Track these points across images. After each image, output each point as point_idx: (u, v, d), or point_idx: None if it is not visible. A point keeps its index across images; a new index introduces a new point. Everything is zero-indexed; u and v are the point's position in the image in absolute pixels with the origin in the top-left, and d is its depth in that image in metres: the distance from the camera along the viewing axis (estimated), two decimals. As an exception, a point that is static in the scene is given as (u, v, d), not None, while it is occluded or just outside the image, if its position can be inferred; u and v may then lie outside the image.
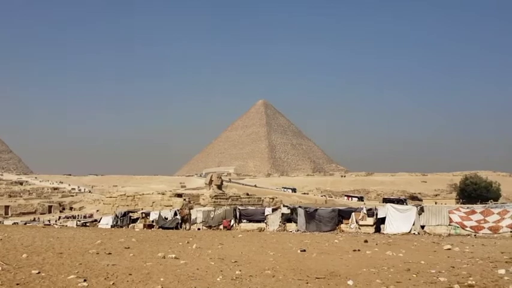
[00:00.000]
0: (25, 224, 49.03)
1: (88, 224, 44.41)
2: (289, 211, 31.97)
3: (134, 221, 39.97)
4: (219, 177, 78.87)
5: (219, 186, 75.29)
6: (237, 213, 34.25)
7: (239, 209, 35.30)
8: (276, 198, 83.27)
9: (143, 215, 40.12)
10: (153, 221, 37.92)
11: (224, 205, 50.48)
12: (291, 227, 30.94)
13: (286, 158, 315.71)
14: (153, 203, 69.36)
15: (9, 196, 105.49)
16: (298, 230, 29.86)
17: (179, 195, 75.52)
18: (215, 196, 69.27)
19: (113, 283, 10.07)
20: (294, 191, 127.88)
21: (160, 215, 37.89)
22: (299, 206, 33.10)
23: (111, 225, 39.62)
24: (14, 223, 52.30)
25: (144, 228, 36.61)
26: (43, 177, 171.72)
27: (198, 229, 34.24)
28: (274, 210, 33.08)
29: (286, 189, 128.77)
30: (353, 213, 29.52)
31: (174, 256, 14.51)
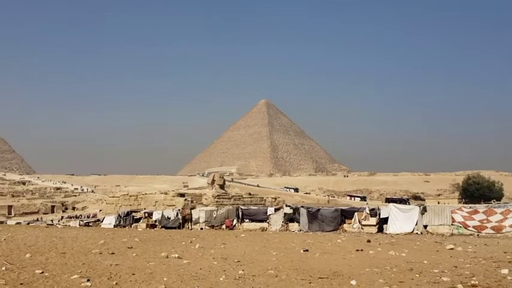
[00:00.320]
0: (28, 224, 49.14)
1: (91, 224, 44.49)
2: (291, 211, 31.92)
3: (137, 220, 40.02)
4: (221, 177, 78.98)
5: (222, 186, 75.40)
6: (240, 213, 34.25)
7: (241, 208, 35.29)
8: (279, 198, 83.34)
9: (146, 215, 40.17)
10: (155, 220, 37.98)
11: (226, 205, 50.52)
12: (294, 226, 30.91)
13: (289, 158, 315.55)
14: (155, 202, 69.52)
15: (12, 196, 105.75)
16: (300, 230, 29.83)
17: (182, 195, 75.66)
18: (217, 196, 69.37)
19: (116, 283, 10.08)
20: (296, 190, 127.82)
21: (163, 214, 37.94)
22: (301, 206, 33.05)
23: (114, 225, 39.70)
24: (17, 223, 52.46)
25: (147, 228, 36.67)
26: (46, 177, 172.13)
27: (200, 229, 34.28)
28: (276, 210, 33.06)
29: (288, 189, 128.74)
30: (356, 213, 29.47)
31: (177, 256, 14.53)
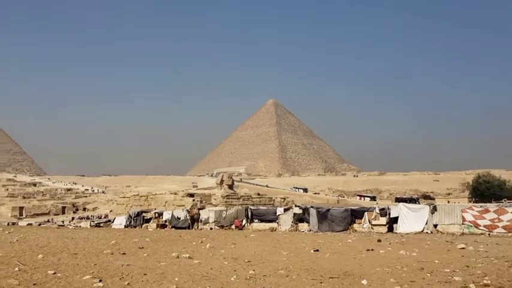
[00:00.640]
0: (39, 225, 49.67)
1: (102, 225, 44.80)
2: (301, 211, 31.92)
3: (147, 221, 40.24)
4: (230, 177, 79.05)
5: (230, 186, 75.46)
6: (249, 213, 34.32)
7: (251, 208, 35.36)
8: (288, 198, 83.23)
9: (156, 215, 40.39)
10: (166, 220, 38.17)
11: (236, 205, 50.58)
12: (303, 227, 30.91)
13: (297, 158, 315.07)
14: (165, 202, 69.76)
15: (23, 197, 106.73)
16: (310, 230, 29.83)
17: (191, 195, 75.82)
18: (226, 196, 69.44)
19: (128, 283, 10.14)
20: (305, 191, 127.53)
21: (173, 214, 38.13)
22: (311, 206, 33.06)
23: (125, 225, 39.95)
24: (28, 224, 53.05)
25: (157, 228, 36.87)
26: (56, 178, 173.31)
27: (210, 229, 34.41)
28: (286, 210, 33.08)
29: (297, 189, 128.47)
30: (366, 213, 29.45)
31: (187, 256, 14.60)
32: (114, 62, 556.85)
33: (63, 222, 63.70)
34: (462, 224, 25.61)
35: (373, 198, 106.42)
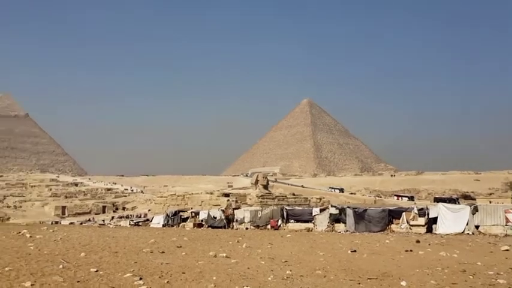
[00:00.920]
0: (81, 224, 51.19)
1: (140, 224, 45.74)
2: (337, 211, 31.68)
3: (184, 220, 40.81)
4: (265, 177, 79.22)
5: (265, 186, 75.64)
6: (284, 213, 34.29)
7: (286, 209, 35.33)
8: (323, 198, 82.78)
9: (193, 214, 40.92)
10: (202, 220, 38.61)
11: (271, 205, 50.66)
12: (340, 227, 30.65)
13: (333, 158, 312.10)
14: (201, 202, 70.69)
15: (66, 197, 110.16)
16: (347, 231, 29.55)
17: (226, 195, 76.52)
18: (261, 196, 69.66)
19: (167, 281, 10.32)
20: (341, 191, 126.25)
21: (209, 214, 38.54)
22: (348, 206, 32.74)
23: (163, 224, 40.65)
24: (70, 223, 54.81)
25: (194, 227, 37.33)
26: (97, 179, 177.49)
27: (246, 228, 34.58)
28: (322, 211, 32.90)
29: (333, 190, 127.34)
30: (403, 213, 28.96)
31: (225, 255, 14.75)
32: (145, 61, 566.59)
33: (104, 221, 65.39)
34: (506, 225, 24.78)
35: (411, 198, 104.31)
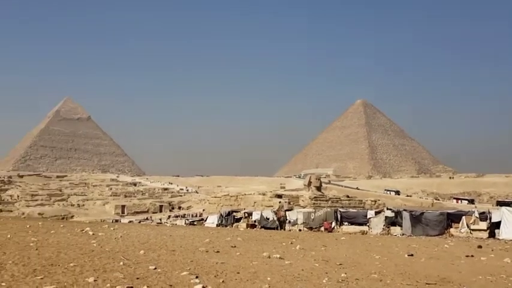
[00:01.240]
0: (139, 222, 52.92)
1: (195, 223, 46.69)
2: (393, 214, 31.00)
3: (237, 220, 41.26)
4: (318, 178, 78.47)
5: (318, 188, 74.94)
6: (338, 216, 33.92)
7: (340, 211, 34.93)
8: (378, 200, 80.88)
9: (246, 215, 41.29)
10: (255, 220, 38.88)
11: (324, 207, 50.17)
12: (396, 230, 29.97)
13: (388, 159, 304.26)
14: (254, 203, 71.13)
15: (125, 196, 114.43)
16: (403, 234, 28.83)
17: (279, 196, 76.55)
18: (314, 198, 69.10)
19: (222, 281, 10.47)
20: (397, 193, 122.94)
21: (262, 215, 38.74)
22: (404, 209, 31.92)
23: (217, 224, 41.30)
24: (129, 221, 56.83)
25: (247, 227, 37.63)
26: (154, 179, 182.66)
27: (299, 230, 34.47)
28: (377, 213, 32.31)
29: (389, 192, 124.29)
30: (463, 217, 27.89)
31: (278, 256, 14.77)
32: (202, 60, 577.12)
33: (161, 220, 67.30)
34: None
35: (471, 202, 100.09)
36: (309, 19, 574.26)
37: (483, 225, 26.64)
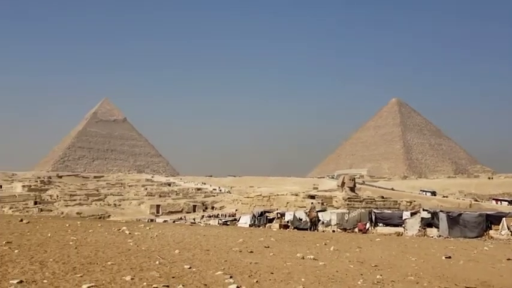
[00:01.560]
0: (174, 222, 53.64)
1: (228, 223, 46.95)
2: (429, 215, 30.44)
3: (270, 220, 41.26)
4: (352, 179, 77.62)
5: (352, 189, 74.15)
6: (373, 217, 33.50)
7: (375, 212, 34.49)
8: (414, 201, 79.31)
9: (278, 215, 41.24)
10: (288, 221, 38.79)
11: (358, 208, 49.62)
12: (432, 232, 29.39)
13: (424, 159, 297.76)
14: (287, 203, 71.01)
15: (160, 196, 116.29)
16: (440, 236, 28.22)
17: (312, 197, 76.12)
18: (348, 198, 68.42)
19: (256, 281, 10.50)
20: (433, 194, 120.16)
21: (294, 215, 38.63)
22: (440, 210, 31.28)
23: (249, 224, 41.41)
24: (164, 221, 57.72)
25: (280, 228, 37.58)
26: (188, 179, 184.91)
27: (332, 231, 34.23)
28: (413, 214, 31.76)
29: (424, 192, 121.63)
30: (504, 219, 27.11)
31: (312, 257, 14.69)
32: (235, 61, 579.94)
33: (194, 219, 68.06)
34: None
35: (511, 203, 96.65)
36: (337, 19, 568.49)
37: (525, 227, 25.80)
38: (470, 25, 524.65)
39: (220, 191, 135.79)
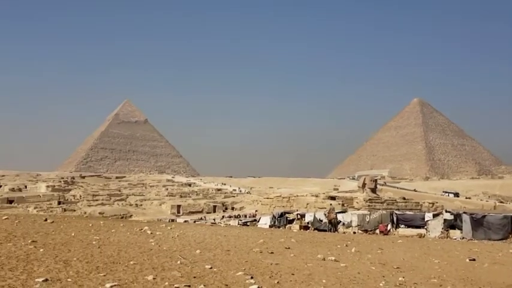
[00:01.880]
0: (194, 222, 54.01)
1: (248, 224, 47.01)
2: (452, 217, 29.98)
3: (290, 221, 41.18)
4: (373, 180, 76.84)
5: (373, 190, 73.39)
6: (394, 218, 33.16)
7: (396, 213, 34.14)
8: (436, 203, 78.08)
9: (298, 216, 41.12)
10: (308, 222, 38.66)
11: (379, 209, 49.12)
12: (455, 234, 28.95)
13: (447, 160, 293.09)
14: (307, 204, 70.70)
15: (180, 196, 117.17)
16: (463, 238, 27.77)
17: (332, 198, 75.60)
18: (369, 200, 67.74)
19: (277, 282, 10.50)
20: (456, 195, 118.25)
21: (315, 217, 38.48)
22: (464, 212, 30.78)
23: (269, 225, 41.40)
24: (185, 221, 58.13)
25: (300, 229, 37.47)
26: (208, 179, 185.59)
27: (353, 233, 33.99)
28: (435, 216, 31.34)
29: (447, 194, 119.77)
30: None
31: (333, 259, 14.63)
32: (259, 62, 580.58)
33: (215, 220, 68.33)
34: None
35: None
36: (357, 20, 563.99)
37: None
38: (495, 24, 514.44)
39: (240, 191, 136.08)
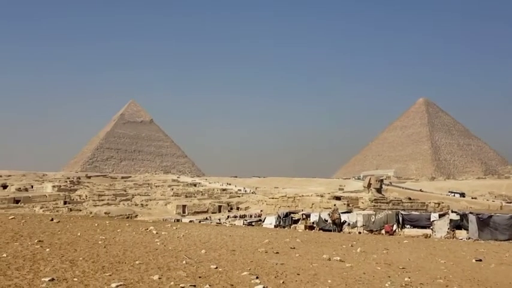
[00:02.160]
0: (199, 222, 54.06)
1: (253, 224, 47.00)
2: (458, 217, 29.87)
3: (295, 221, 41.13)
4: (378, 180, 76.59)
5: (379, 190, 73.13)
6: (400, 218, 33.08)
7: (402, 213, 34.05)
8: (442, 203, 77.80)
9: (303, 216, 41.07)
10: (313, 222, 38.59)
11: (385, 209, 48.98)
12: (461, 234, 28.85)
13: (453, 160, 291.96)
14: (312, 204, 70.58)
15: (186, 196, 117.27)
16: (469, 238, 27.66)
17: (337, 198, 75.51)
18: (375, 200, 67.52)
19: (282, 282, 10.50)
20: (462, 195, 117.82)
21: (320, 217, 38.41)
22: (470, 212, 30.68)
23: (274, 225, 41.38)
24: (190, 221, 58.17)
25: (305, 229, 37.42)
26: (213, 179, 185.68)
27: (359, 233, 33.94)
28: (441, 216, 31.25)
29: (453, 194, 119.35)
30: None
31: (339, 259, 14.61)
32: (266, 62, 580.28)
33: (220, 220, 68.35)
34: None
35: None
36: (366, 21, 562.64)
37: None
38: (501, 23, 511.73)
39: (245, 191, 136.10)
